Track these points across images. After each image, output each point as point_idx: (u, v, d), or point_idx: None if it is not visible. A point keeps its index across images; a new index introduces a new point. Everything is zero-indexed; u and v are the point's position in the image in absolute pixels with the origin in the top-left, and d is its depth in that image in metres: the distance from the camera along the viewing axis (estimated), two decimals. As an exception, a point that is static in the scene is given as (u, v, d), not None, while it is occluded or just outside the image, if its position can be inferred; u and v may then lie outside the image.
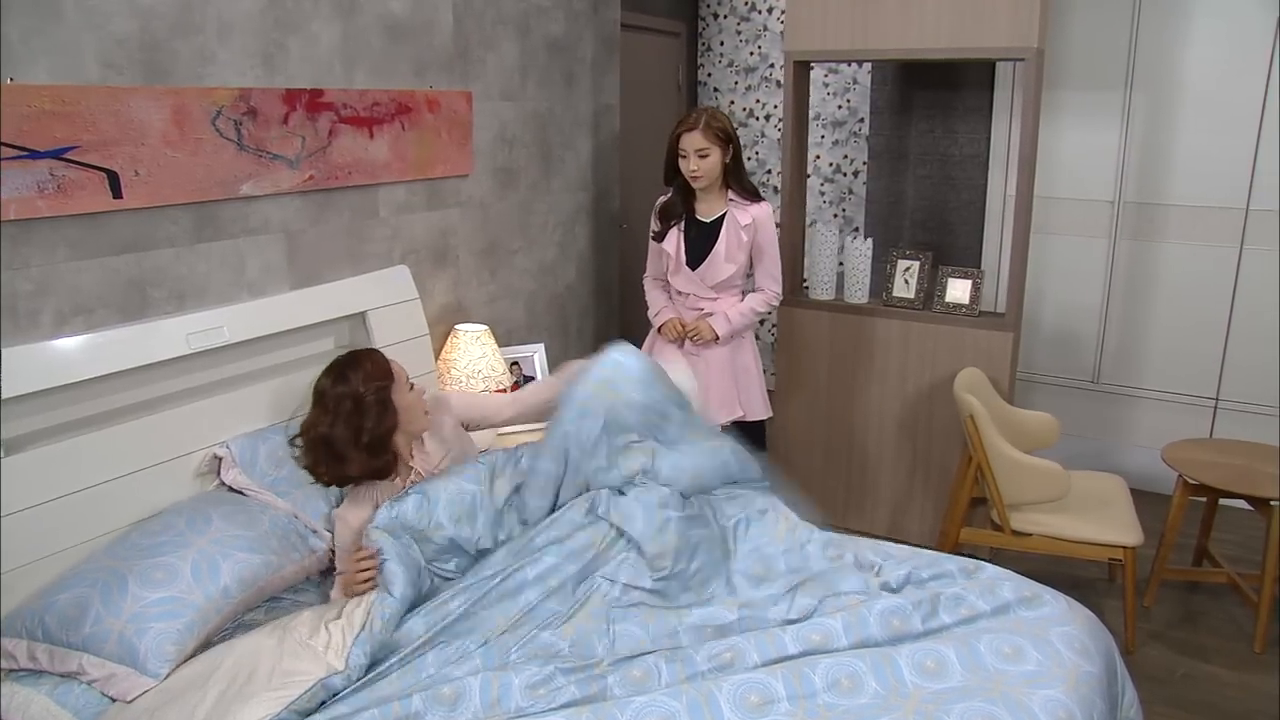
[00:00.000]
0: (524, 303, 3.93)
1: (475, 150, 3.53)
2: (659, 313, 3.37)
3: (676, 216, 3.25)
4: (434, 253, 3.43)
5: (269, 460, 2.54)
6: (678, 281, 3.26)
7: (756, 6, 5.43)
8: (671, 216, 3.26)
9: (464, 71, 3.45)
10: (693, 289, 3.24)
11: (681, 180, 3.21)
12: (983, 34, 3.36)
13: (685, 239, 3.22)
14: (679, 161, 3.14)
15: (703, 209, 3.24)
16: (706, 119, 3.11)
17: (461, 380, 3.30)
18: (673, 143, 3.14)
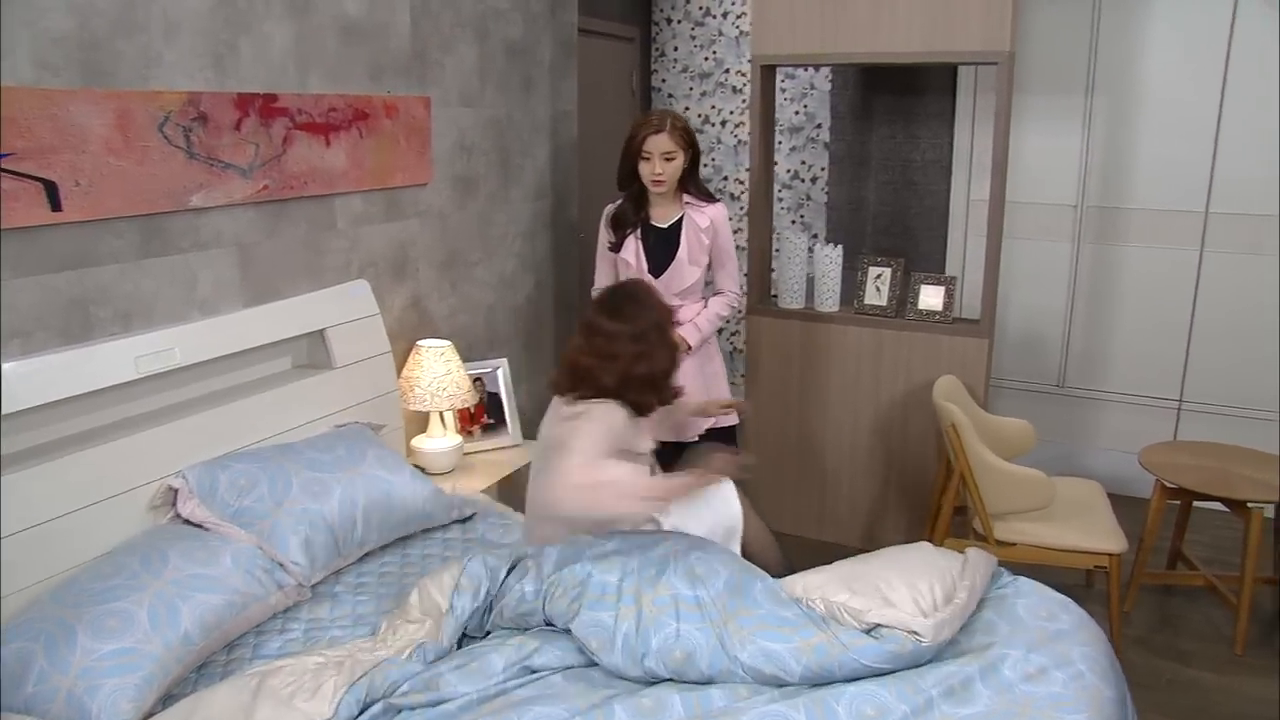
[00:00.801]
0: (484, 316, 3.79)
1: (434, 158, 3.39)
2: None
3: (631, 224, 3.14)
4: (393, 265, 3.27)
5: (230, 489, 2.37)
6: None
7: (711, 11, 5.37)
8: (626, 224, 3.14)
9: (421, 75, 3.31)
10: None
11: (636, 186, 3.12)
12: (954, 37, 3.33)
13: (644, 246, 3.11)
14: (640, 165, 3.04)
15: (658, 214, 3.15)
16: (672, 121, 3.03)
17: (425, 399, 3.16)
18: (634, 146, 3.03)
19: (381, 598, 2.38)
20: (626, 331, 2.30)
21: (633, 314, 2.34)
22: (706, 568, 2.07)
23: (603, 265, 3.27)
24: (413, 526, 2.67)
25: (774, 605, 1.99)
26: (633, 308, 2.35)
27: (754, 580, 2.06)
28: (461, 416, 3.46)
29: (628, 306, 2.35)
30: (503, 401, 3.61)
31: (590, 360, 2.30)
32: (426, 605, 2.17)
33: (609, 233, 3.17)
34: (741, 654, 1.90)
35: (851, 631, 1.92)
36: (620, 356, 2.29)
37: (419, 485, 2.69)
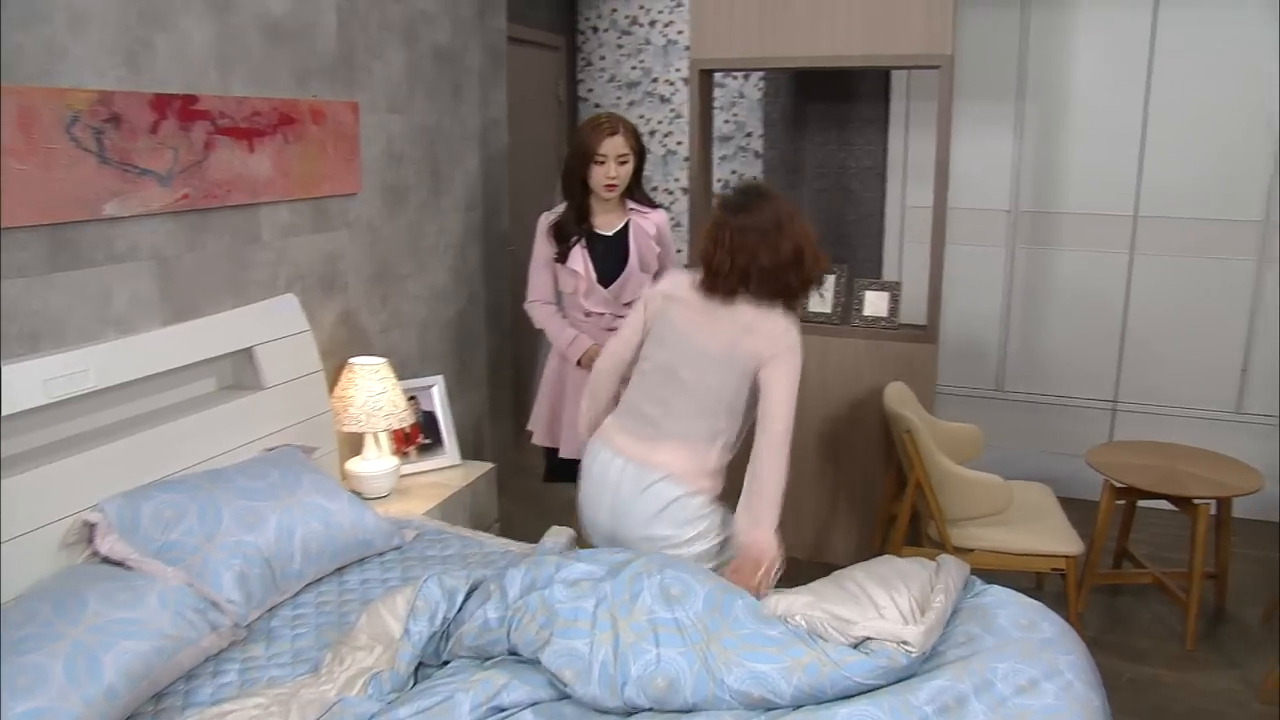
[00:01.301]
0: (416, 332, 3.64)
1: (363, 166, 3.24)
2: (573, 341, 3.07)
3: (576, 233, 3.02)
4: (322, 280, 3.10)
5: (154, 522, 2.18)
6: (590, 302, 3.03)
7: (638, 20, 5.32)
8: (570, 234, 3.01)
9: (349, 80, 3.15)
10: (607, 308, 3.04)
11: (579, 194, 3.00)
12: (896, 41, 3.33)
13: (591, 256, 3.01)
14: (593, 170, 2.93)
15: (602, 222, 3.05)
16: (624, 124, 2.94)
17: (360, 420, 2.99)
18: (587, 149, 2.91)
19: (321, 630, 2.22)
20: (785, 216, 2.28)
21: (775, 202, 2.31)
22: (682, 586, 1.97)
23: (541, 277, 3.13)
24: (352, 555, 2.50)
25: (758, 624, 1.90)
26: (770, 198, 2.32)
27: (734, 598, 1.97)
28: (396, 437, 3.29)
29: (766, 198, 2.32)
30: (439, 420, 3.46)
31: (747, 259, 2.25)
32: (376, 630, 2.02)
33: (550, 243, 3.04)
34: (728, 677, 1.80)
35: (841, 648, 1.85)
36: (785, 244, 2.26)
37: (358, 511, 2.54)
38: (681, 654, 1.83)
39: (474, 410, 4.06)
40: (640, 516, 2.33)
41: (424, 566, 2.51)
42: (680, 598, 1.95)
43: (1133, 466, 3.29)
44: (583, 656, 1.84)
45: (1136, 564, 3.51)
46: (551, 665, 1.85)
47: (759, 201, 2.31)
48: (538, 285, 3.13)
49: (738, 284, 2.28)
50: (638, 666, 1.82)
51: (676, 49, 5.28)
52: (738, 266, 2.27)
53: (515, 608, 1.95)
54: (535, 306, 3.14)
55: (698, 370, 2.32)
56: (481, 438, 4.14)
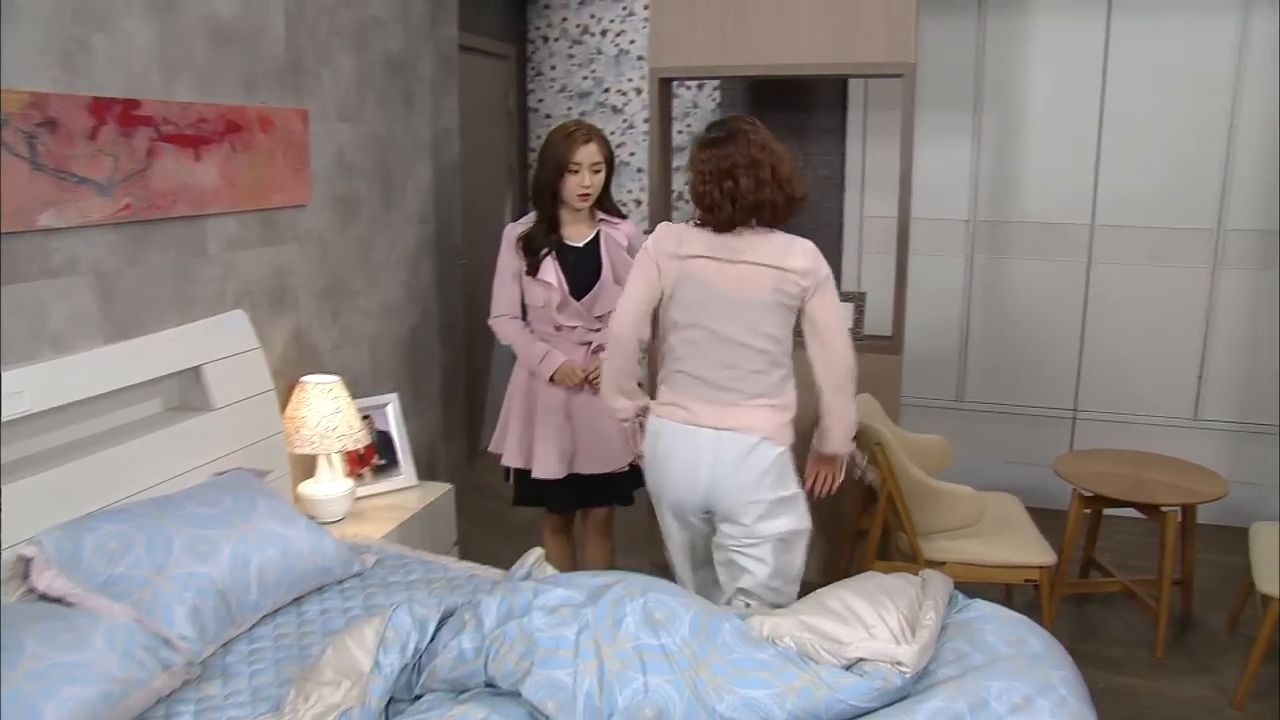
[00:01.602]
0: (368, 349, 3.53)
1: (313, 177, 3.13)
2: (544, 357, 2.93)
3: (546, 245, 2.91)
4: (271, 295, 2.99)
5: (98, 555, 2.05)
6: (563, 315, 2.93)
7: (589, 29, 5.27)
8: (540, 245, 2.91)
9: (298, 86, 3.05)
10: (580, 321, 2.96)
11: (549, 205, 2.93)
12: (858, 49, 3.32)
13: (563, 268, 2.92)
14: (567, 179, 2.85)
15: (572, 233, 2.95)
16: (595, 132, 2.88)
17: (314, 441, 2.87)
18: (562, 158, 2.83)
19: (280, 665, 2.11)
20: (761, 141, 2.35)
21: (750, 130, 2.37)
22: (666, 610, 1.90)
23: (507, 291, 3.01)
24: (311, 584, 2.39)
25: (747, 648, 1.84)
26: (743, 128, 2.38)
27: (720, 621, 1.91)
28: (350, 459, 3.18)
29: (740, 128, 2.37)
30: (394, 440, 3.35)
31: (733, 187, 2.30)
32: (343, 664, 1.92)
33: (518, 256, 2.94)
34: (720, 705, 1.74)
35: (834, 670, 1.80)
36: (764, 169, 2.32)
37: (316, 537, 2.42)
38: (670, 682, 1.77)
39: (428, 429, 3.95)
40: (747, 483, 2.39)
41: (387, 594, 2.41)
42: (665, 622, 1.88)
43: (1100, 475, 3.30)
44: (566, 687, 1.76)
45: (1103, 572, 3.52)
46: (533, 697, 1.76)
47: (735, 132, 2.37)
48: (503, 299, 3.01)
49: (733, 213, 2.33)
50: (624, 696, 1.75)
51: (629, 59, 5.24)
52: (726, 195, 2.32)
53: (492, 637, 1.86)
54: (501, 322, 3.03)
55: (751, 325, 2.37)
56: (436, 457, 4.03)
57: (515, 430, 2.99)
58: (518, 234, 2.94)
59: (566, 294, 2.88)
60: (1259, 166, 3.96)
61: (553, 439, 2.92)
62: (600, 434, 2.95)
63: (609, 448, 2.95)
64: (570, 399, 2.94)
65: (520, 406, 2.99)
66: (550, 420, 2.93)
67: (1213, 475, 3.31)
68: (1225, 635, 3.32)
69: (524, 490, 3.07)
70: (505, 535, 4.21)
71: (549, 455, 2.92)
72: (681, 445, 2.43)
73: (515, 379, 3.06)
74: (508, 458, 3.02)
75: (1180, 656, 3.19)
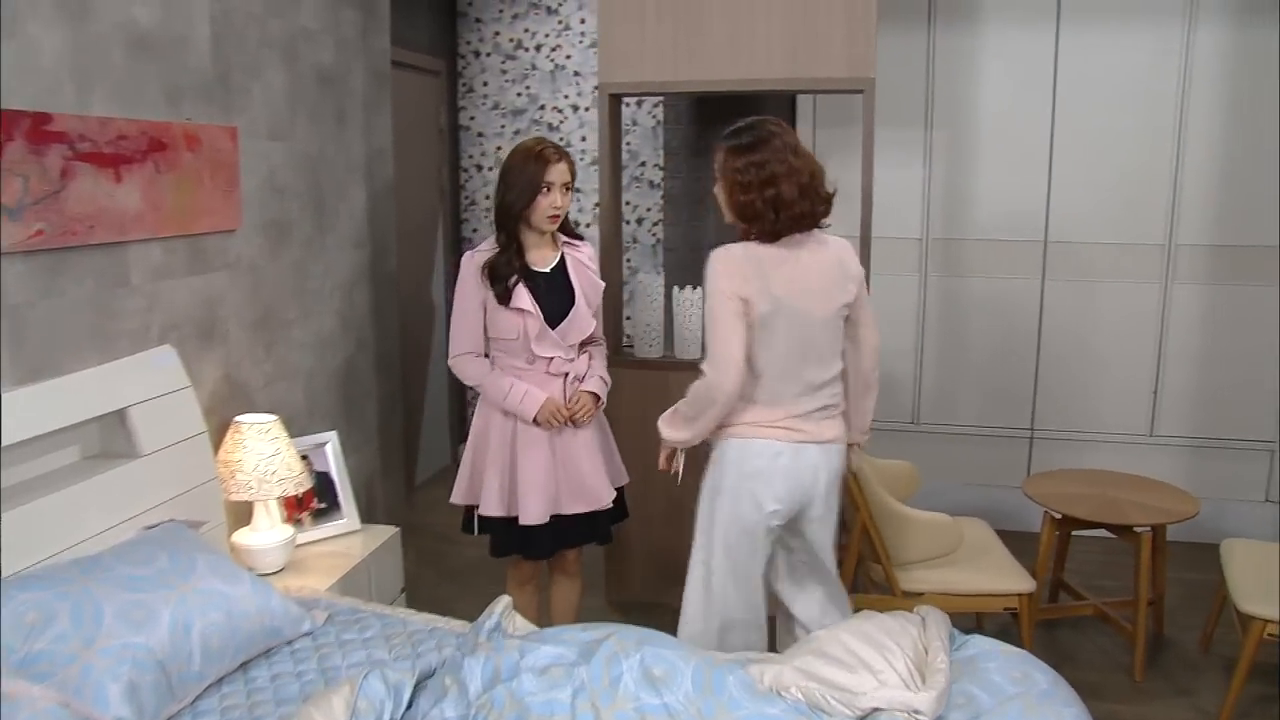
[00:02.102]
0: (303, 384, 3.33)
1: (243, 200, 2.94)
2: (524, 396, 2.75)
3: (514, 271, 2.75)
4: (200, 328, 2.78)
5: (14, 629, 1.83)
6: (541, 346, 2.76)
7: (523, 44, 5.16)
8: (509, 272, 2.74)
9: (226, 102, 2.86)
10: (556, 351, 2.81)
11: (514, 228, 2.78)
12: (817, 64, 3.28)
13: (534, 295, 2.78)
14: (539, 199, 2.72)
15: (536, 258, 2.81)
16: (562, 149, 2.76)
17: (252, 486, 2.68)
18: (534, 177, 2.68)
19: (229, 742, 1.92)
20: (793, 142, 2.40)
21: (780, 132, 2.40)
22: (666, 665, 1.78)
23: (472, 325, 2.79)
24: (259, 646, 2.20)
25: (755, 702, 1.74)
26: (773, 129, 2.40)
27: (723, 674, 1.80)
28: (287, 503, 2.98)
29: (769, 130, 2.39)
30: (334, 481, 3.16)
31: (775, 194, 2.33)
32: None
33: (484, 286, 2.75)
34: None
35: None
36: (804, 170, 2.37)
37: (263, 595, 2.23)
38: None
39: (365, 467, 3.76)
40: (837, 490, 2.59)
41: (343, 654, 2.23)
42: (665, 678, 1.76)
43: (1071, 496, 3.30)
44: None
45: (1074, 595, 3.51)
46: None
47: (766, 136, 2.37)
48: (466, 336, 2.80)
49: (775, 222, 2.34)
50: None
51: (565, 74, 5.14)
52: (769, 204, 2.32)
53: (479, 704, 1.72)
54: (465, 360, 2.82)
55: (833, 337, 2.48)
56: (373, 496, 3.83)
57: (493, 478, 2.79)
58: (481, 262, 2.76)
59: (544, 322, 2.73)
60: (1207, 181, 4.05)
61: (541, 483, 2.77)
62: (583, 471, 2.82)
63: (592, 484, 2.83)
64: (552, 437, 2.80)
65: (496, 451, 2.79)
66: (535, 463, 2.76)
67: (1181, 493, 3.34)
68: (1199, 655, 3.33)
69: (504, 540, 2.85)
70: (447, 576, 4.04)
71: (538, 500, 2.76)
72: (805, 464, 2.47)
73: (484, 422, 2.85)
74: (487, 507, 2.79)
75: (1158, 679, 3.19)
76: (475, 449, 2.86)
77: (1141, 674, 3.17)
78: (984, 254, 4.30)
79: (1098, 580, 3.79)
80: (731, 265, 2.37)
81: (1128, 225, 4.14)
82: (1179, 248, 4.10)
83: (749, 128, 2.41)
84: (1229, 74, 3.96)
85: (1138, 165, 4.08)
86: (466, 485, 2.88)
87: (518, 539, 2.82)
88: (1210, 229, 4.07)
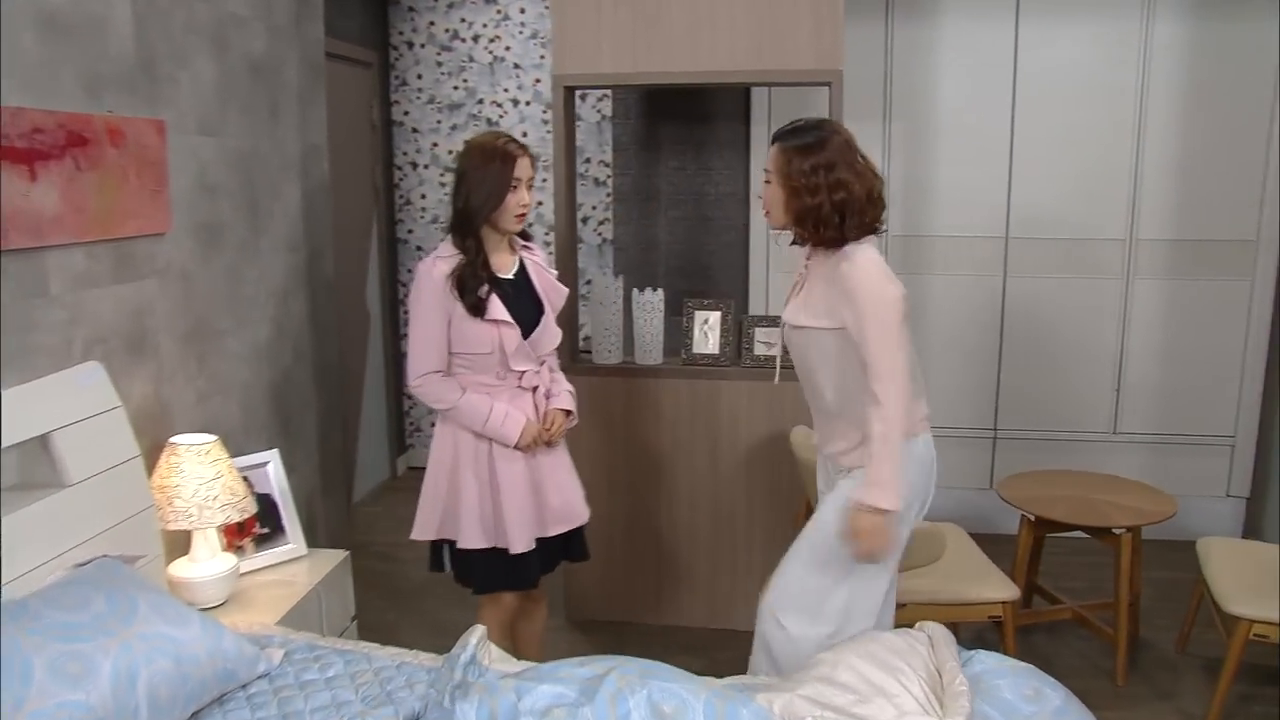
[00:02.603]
0: (239, 398, 3.13)
1: (172, 200, 2.74)
2: (505, 419, 2.55)
3: (483, 280, 2.52)
4: (128, 341, 2.58)
5: (-68, 693, 1.63)
6: (517, 360, 2.58)
7: (459, 34, 4.99)
8: (479, 280, 2.51)
9: (151, 93, 2.66)
10: (529, 364, 2.64)
11: (475, 232, 2.55)
12: (783, 56, 3.20)
13: (507, 304, 2.57)
14: (508, 196, 2.52)
15: (498, 263, 2.62)
16: (521, 142, 2.59)
17: (192, 514, 2.48)
18: (502, 173, 2.49)
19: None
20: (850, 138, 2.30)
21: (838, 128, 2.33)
22: (676, 701, 1.67)
23: (437, 340, 2.53)
24: (211, 694, 2.01)
25: None
26: (831, 125, 2.34)
27: (737, 707, 1.69)
28: (228, 530, 2.78)
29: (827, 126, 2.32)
30: (278, 504, 2.97)
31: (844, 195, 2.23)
32: None
33: (451, 297, 2.51)
34: None
35: None
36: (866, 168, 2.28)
37: (214, 636, 2.05)
38: None
39: (304, 485, 3.56)
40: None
41: (305, 697, 2.06)
42: (676, 716, 1.65)
43: (1047, 498, 3.27)
44: None
45: (1049, 599, 3.50)
46: None
47: (829, 134, 2.28)
48: (431, 353, 2.53)
49: (841, 227, 2.25)
50: None
51: (504, 67, 4.99)
52: (836, 208, 2.23)
53: None
54: (433, 382, 2.55)
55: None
56: (314, 515, 3.63)
57: (472, 507, 2.57)
58: (446, 271, 2.51)
59: (520, 334, 2.57)
60: (1166, 175, 4.08)
61: (530, 508, 2.61)
62: (563, 488, 2.69)
63: (571, 501, 2.70)
64: (529, 457, 2.64)
65: (471, 478, 2.58)
66: (517, 487, 2.59)
67: (1156, 492, 3.34)
68: (1176, 656, 3.34)
69: (488, 574, 2.64)
70: (393, 599, 3.86)
71: (525, 526, 2.60)
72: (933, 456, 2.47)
73: (451, 448, 2.61)
74: (468, 540, 2.58)
75: (1139, 683, 3.18)
76: (442, 477, 2.63)
77: (1124, 679, 3.16)
78: (944, 250, 4.27)
79: (1066, 582, 3.78)
80: (887, 268, 2.28)
81: (1089, 220, 4.15)
82: (1139, 242, 4.13)
83: (813, 126, 2.31)
84: (1188, 67, 4.00)
85: (1098, 159, 4.10)
86: (438, 518, 2.64)
87: (504, 571, 2.63)
88: (1170, 223, 4.11)
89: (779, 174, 2.30)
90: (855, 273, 2.24)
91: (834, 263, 2.30)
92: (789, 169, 2.26)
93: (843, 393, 2.36)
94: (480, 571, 2.63)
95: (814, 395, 2.47)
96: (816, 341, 2.35)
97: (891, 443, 2.21)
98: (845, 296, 2.25)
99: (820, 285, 2.33)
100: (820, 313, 2.32)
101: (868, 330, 2.21)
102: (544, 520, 2.66)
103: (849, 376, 2.32)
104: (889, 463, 2.21)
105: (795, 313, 2.42)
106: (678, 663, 3.15)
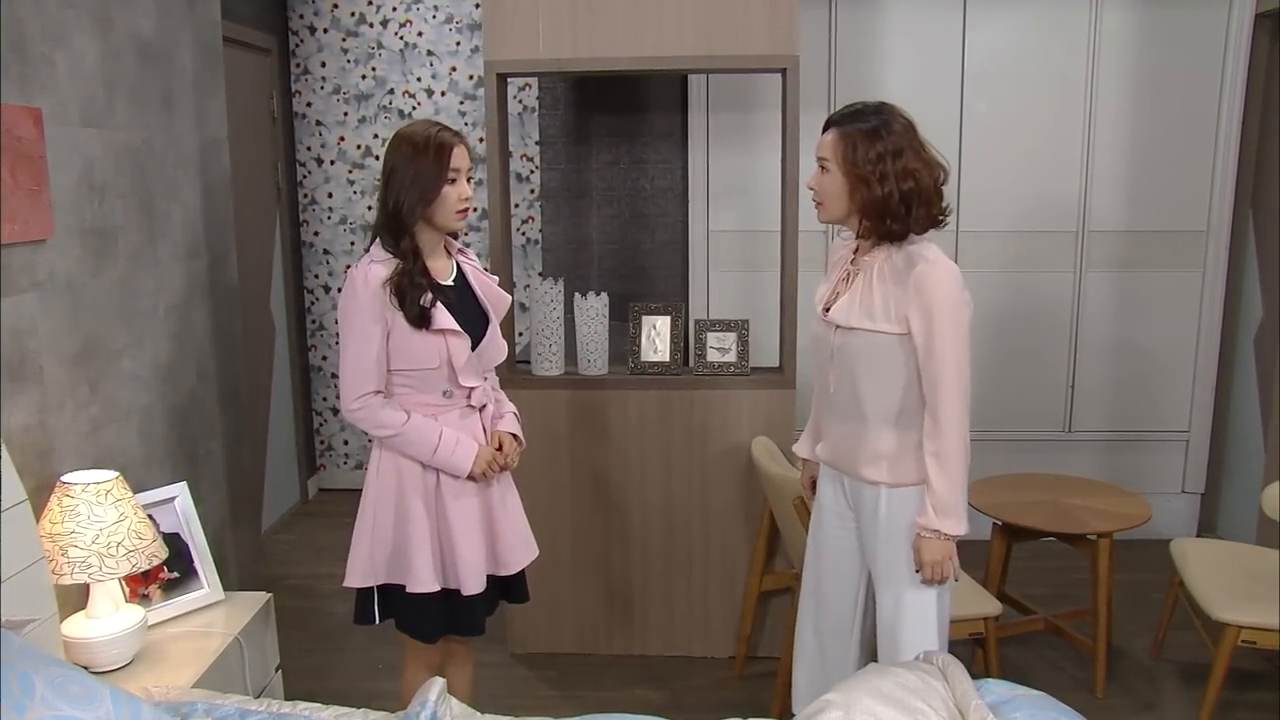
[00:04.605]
0: (138, 426, 2.83)
1: (54, 201, 2.44)
2: (456, 445, 2.30)
3: (424, 287, 2.26)
4: (7, 366, 2.27)
5: None
6: (466, 375, 2.33)
7: (366, 18, 4.72)
8: (418, 288, 2.25)
9: (22, 76, 2.35)
10: (477, 380, 2.39)
11: (409, 233, 2.28)
12: (734, 41, 3.05)
13: (451, 313, 2.31)
14: (446, 190, 2.28)
15: (436, 267, 2.37)
16: (455, 131, 2.35)
17: (92, 566, 2.20)
18: (439, 162, 2.23)
19: None
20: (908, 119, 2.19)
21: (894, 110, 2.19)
22: None
23: (376, 356, 2.26)
24: (126, 783, 1.76)
25: None
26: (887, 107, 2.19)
27: None
28: (129, 578, 2.50)
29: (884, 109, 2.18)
30: (188, 544, 2.70)
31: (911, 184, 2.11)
32: None
33: (394, 305, 2.24)
34: None
35: None
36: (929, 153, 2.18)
37: (130, 712, 1.79)
38: None
39: (213, 517, 3.26)
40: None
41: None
42: None
43: (1020, 505, 3.21)
44: None
45: (1020, 608, 3.43)
46: None
47: (890, 118, 2.15)
48: (370, 372, 2.26)
49: (906, 218, 2.13)
50: None
51: (417, 54, 4.73)
52: (904, 199, 2.10)
53: None
54: (372, 406, 2.28)
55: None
56: (224, 553, 3.34)
57: (421, 546, 2.31)
58: (384, 277, 2.25)
59: (469, 347, 2.33)
60: (1117, 166, 4.07)
61: (483, 544, 2.38)
62: (515, 522, 2.48)
63: (523, 533, 2.49)
64: (481, 487, 2.41)
65: (419, 514, 2.31)
66: (469, 522, 2.35)
67: (1129, 495, 3.31)
68: (1152, 663, 3.31)
69: (435, 620, 2.38)
70: (317, 641, 3.60)
71: (479, 565, 2.37)
72: None
73: (393, 480, 2.34)
74: (419, 584, 2.31)
75: (1119, 695, 3.14)
76: (386, 514, 2.34)
77: (1103, 691, 3.11)
78: (895, 246, 4.19)
79: (1030, 589, 3.73)
80: (961, 276, 2.14)
81: (1039, 212, 4.12)
82: (1091, 234, 4.12)
83: (873, 110, 2.15)
84: (1136, 55, 4.00)
85: (1048, 149, 4.07)
86: (383, 561, 2.35)
87: (451, 615, 2.37)
88: (1121, 215, 4.11)
89: (841, 162, 2.14)
90: (935, 278, 2.08)
91: (903, 261, 2.13)
92: (854, 156, 2.11)
93: (888, 402, 2.19)
94: (430, 618, 2.37)
95: (845, 402, 2.26)
96: (871, 346, 2.16)
97: (957, 465, 2.11)
98: (918, 302, 2.08)
99: (883, 285, 2.15)
100: (880, 315, 2.13)
101: (940, 343, 2.07)
102: (497, 556, 2.44)
103: (900, 386, 2.16)
104: (957, 487, 2.12)
105: (846, 312, 2.20)
106: (637, 695, 2.98)
